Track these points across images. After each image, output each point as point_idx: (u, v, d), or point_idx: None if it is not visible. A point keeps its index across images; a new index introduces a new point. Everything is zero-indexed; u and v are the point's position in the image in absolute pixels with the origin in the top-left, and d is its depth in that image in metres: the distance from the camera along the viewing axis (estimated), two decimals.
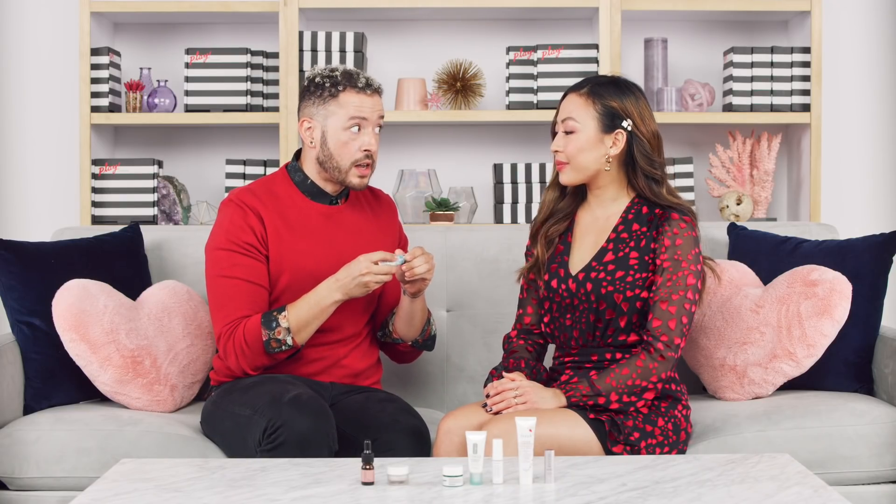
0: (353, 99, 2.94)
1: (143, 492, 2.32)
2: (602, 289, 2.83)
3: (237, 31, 4.17)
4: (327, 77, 2.96)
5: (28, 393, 3.11)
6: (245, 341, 2.88)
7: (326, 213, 3.03)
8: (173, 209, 4.00)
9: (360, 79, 2.96)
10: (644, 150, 2.86)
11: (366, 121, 2.95)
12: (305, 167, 3.03)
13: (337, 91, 2.94)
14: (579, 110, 2.86)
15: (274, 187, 3.02)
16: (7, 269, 3.15)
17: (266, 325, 2.87)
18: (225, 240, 2.94)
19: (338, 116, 2.94)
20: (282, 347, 2.88)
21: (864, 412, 2.97)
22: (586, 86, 2.89)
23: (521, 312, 3.02)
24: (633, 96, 2.87)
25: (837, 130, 4.18)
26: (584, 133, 2.86)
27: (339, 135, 2.95)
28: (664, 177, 2.89)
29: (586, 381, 2.78)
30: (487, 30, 4.18)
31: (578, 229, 2.96)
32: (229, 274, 2.92)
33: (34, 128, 4.16)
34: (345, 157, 2.96)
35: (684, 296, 2.79)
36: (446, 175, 4.14)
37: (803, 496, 2.27)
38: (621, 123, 2.85)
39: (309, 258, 2.97)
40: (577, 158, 2.87)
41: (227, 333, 2.90)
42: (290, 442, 2.69)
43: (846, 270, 3.15)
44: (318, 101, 2.96)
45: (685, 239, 2.82)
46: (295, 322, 2.87)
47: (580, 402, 2.77)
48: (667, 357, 2.77)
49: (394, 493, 2.30)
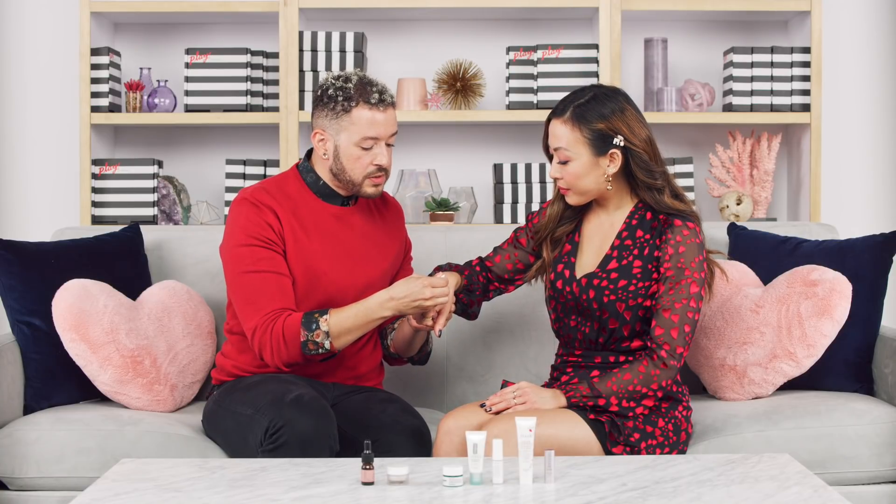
0: (366, 115, 2.89)
1: (143, 492, 2.32)
2: (604, 297, 2.83)
3: (237, 31, 4.17)
4: (340, 89, 2.90)
5: (28, 393, 3.11)
6: (283, 337, 2.82)
7: (337, 214, 3.01)
8: (173, 209, 4.00)
9: (374, 94, 2.89)
10: (640, 161, 2.82)
11: (378, 139, 2.92)
12: (318, 169, 3.01)
13: (350, 106, 2.89)
14: (568, 138, 2.82)
15: (286, 187, 3.00)
16: (7, 269, 3.15)
17: (306, 325, 2.83)
18: (244, 236, 2.90)
19: (349, 133, 2.90)
20: (318, 350, 2.83)
21: (864, 412, 2.97)
22: (568, 110, 2.82)
23: (490, 254, 3.04)
24: (617, 109, 2.81)
25: (837, 130, 4.18)
26: (579, 161, 2.82)
27: (351, 150, 2.91)
28: (666, 182, 2.85)
29: (586, 382, 2.78)
30: (487, 30, 4.18)
31: (586, 230, 2.95)
32: (256, 268, 2.87)
33: (34, 128, 4.16)
34: (357, 172, 2.93)
35: (687, 304, 2.78)
36: (446, 175, 4.14)
37: (803, 496, 2.27)
38: (613, 142, 2.81)
39: (320, 259, 2.96)
40: (577, 185, 2.85)
41: (262, 326, 2.84)
42: (292, 442, 2.68)
43: (846, 270, 3.15)
44: (331, 115, 2.91)
45: (688, 246, 2.80)
46: (336, 327, 2.83)
47: (580, 403, 2.78)
48: (669, 365, 2.77)
49: (394, 493, 2.29)
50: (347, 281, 2.94)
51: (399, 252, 3.11)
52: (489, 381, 3.37)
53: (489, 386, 3.36)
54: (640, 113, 2.86)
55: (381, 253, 3.04)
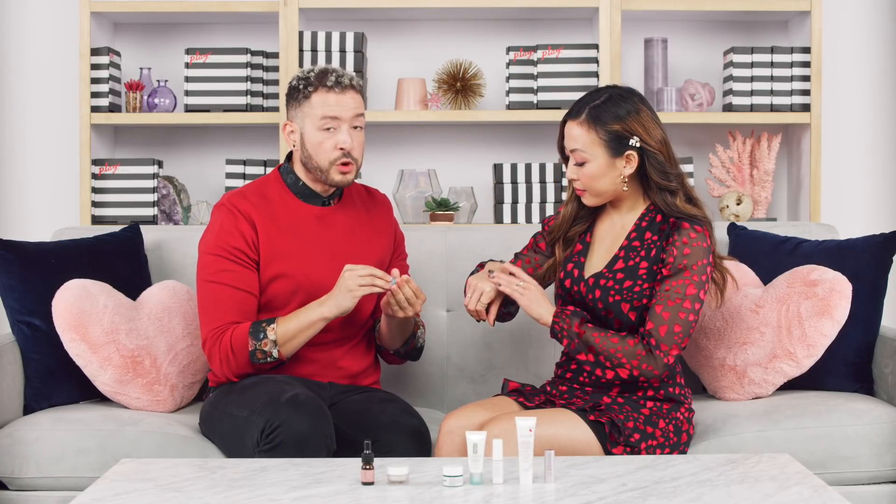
0: (324, 98, 2.94)
1: (143, 492, 2.32)
2: (610, 297, 2.83)
3: (237, 31, 4.17)
4: (303, 79, 2.97)
5: (28, 393, 3.12)
6: (231, 349, 2.88)
7: (318, 214, 3.03)
8: (173, 209, 4.00)
9: (331, 77, 2.94)
10: (656, 162, 2.82)
11: (338, 119, 2.94)
12: (296, 169, 3.03)
13: (309, 92, 2.94)
14: (584, 140, 2.82)
15: (266, 190, 3.03)
16: (7, 269, 3.15)
17: (254, 335, 2.87)
18: (215, 245, 2.94)
19: (311, 118, 2.95)
20: (267, 359, 2.88)
21: (864, 412, 2.97)
22: (583, 111, 2.83)
23: (512, 260, 3.04)
24: (632, 110, 2.81)
25: (837, 130, 4.18)
26: (595, 162, 2.82)
27: (314, 135, 2.95)
28: (680, 185, 2.84)
29: (578, 319, 2.80)
30: (487, 30, 4.18)
31: (598, 231, 2.95)
32: (217, 280, 2.92)
33: (34, 128, 4.16)
34: (322, 157, 2.96)
35: (680, 304, 2.76)
36: (446, 175, 4.14)
37: (803, 496, 2.28)
38: (629, 143, 2.81)
39: (301, 261, 2.97)
40: (593, 186, 2.85)
41: (212, 338, 2.91)
42: (288, 442, 2.68)
43: (846, 270, 3.15)
44: (295, 104, 2.97)
45: (693, 249, 2.78)
46: (282, 335, 2.87)
47: (559, 335, 2.80)
48: (655, 355, 2.76)
49: (394, 493, 2.30)
50: (331, 281, 2.94)
51: (388, 246, 3.11)
52: (489, 381, 3.37)
53: (489, 386, 3.36)
54: (654, 114, 2.86)
55: (367, 250, 3.04)
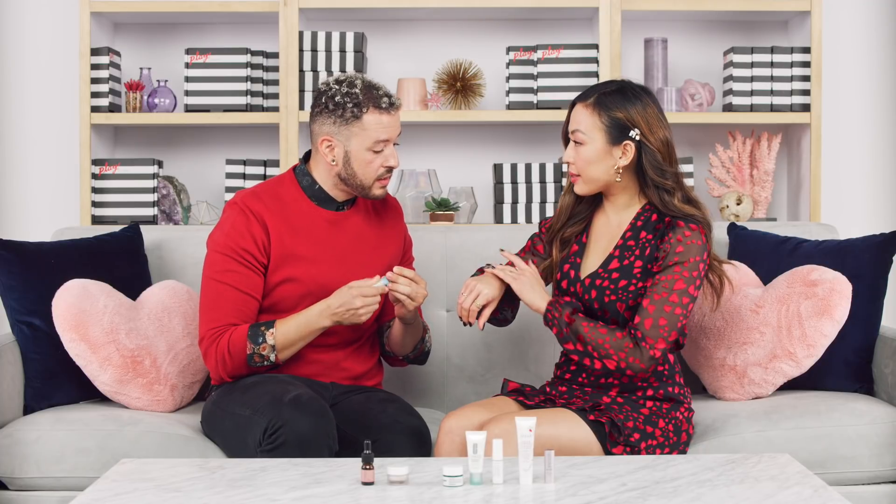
0: (377, 119, 2.91)
1: (143, 492, 2.32)
2: (605, 297, 2.83)
3: (237, 31, 4.17)
4: (347, 95, 2.91)
5: (28, 393, 3.12)
6: (228, 350, 2.88)
7: (331, 219, 3.02)
8: (173, 209, 4.00)
9: (383, 98, 2.92)
10: (653, 159, 2.82)
11: (389, 140, 2.94)
12: (315, 173, 3.01)
13: (360, 112, 2.90)
14: (587, 122, 2.84)
15: (280, 191, 3.01)
16: (7, 269, 3.15)
17: (252, 339, 2.87)
18: (224, 244, 2.93)
19: (361, 138, 2.91)
20: (264, 363, 2.89)
21: (864, 412, 2.97)
22: (592, 96, 2.86)
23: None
24: (640, 104, 2.83)
25: (837, 130, 4.18)
26: (593, 145, 2.84)
27: (363, 155, 2.92)
28: (677, 185, 2.85)
29: (570, 308, 2.81)
30: (487, 30, 4.18)
31: (594, 232, 2.95)
32: (221, 279, 2.92)
33: (34, 128, 4.16)
34: (369, 175, 2.95)
35: (666, 298, 2.76)
36: (446, 175, 4.14)
37: (803, 496, 2.28)
38: (629, 134, 2.82)
39: (312, 264, 2.97)
40: (586, 171, 2.86)
41: (210, 338, 2.90)
42: (291, 442, 2.69)
43: (846, 270, 3.15)
44: (340, 121, 2.91)
45: (686, 246, 2.78)
46: (281, 340, 2.88)
47: (549, 323, 2.82)
48: (641, 347, 2.75)
49: (394, 493, 2.30)
50: (341, 285, 2.94)
51: (397, 251, 3.11)
52: (489, 381, 3.37)
53: (489, 386, 3.36)
54: (663, 115, 2.87)
55: (378, 255, 3.04)
